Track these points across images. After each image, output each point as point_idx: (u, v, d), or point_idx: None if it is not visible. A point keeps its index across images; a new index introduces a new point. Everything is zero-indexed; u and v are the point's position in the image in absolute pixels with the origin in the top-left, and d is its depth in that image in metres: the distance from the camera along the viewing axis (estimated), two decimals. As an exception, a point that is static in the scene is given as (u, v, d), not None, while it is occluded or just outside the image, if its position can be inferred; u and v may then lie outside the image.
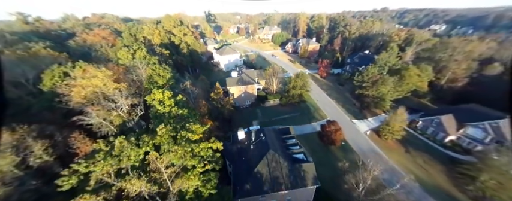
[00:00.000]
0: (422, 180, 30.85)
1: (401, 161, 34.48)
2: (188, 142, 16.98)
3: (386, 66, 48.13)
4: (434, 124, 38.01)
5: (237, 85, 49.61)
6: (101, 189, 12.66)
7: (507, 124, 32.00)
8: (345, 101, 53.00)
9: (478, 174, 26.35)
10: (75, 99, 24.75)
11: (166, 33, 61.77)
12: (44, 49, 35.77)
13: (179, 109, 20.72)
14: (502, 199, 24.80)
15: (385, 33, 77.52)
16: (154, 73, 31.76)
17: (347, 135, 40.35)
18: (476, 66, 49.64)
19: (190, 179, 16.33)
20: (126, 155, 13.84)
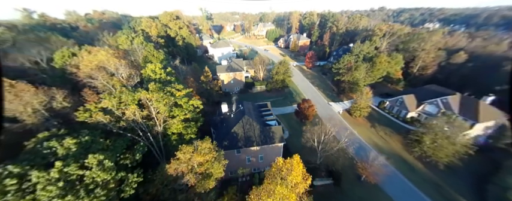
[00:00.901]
0: (380, 146, 36.17)
1: (365, 133, 39.74)
2: (173, 95, 22.28)
3: (361, 55, 53.42)
4: (398, 104, 43.24)
5: (226, 72, 54.95)
6: (107, 113, 17.93)
7: (456, 99, 37.29)
8: (326, 88, 58.36)
9: (422, 138, 31.48)
10: (83, 72, 30.13)
11: (162, 26, 67.31)
12: (54, 36, 41.28)
13: (167, 76, 26.03)
14: (439, 156, 29.97)
15: (370, 28, 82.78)
16: (149, 54, 37.17)
17: (323, 115, 45.65)
18: (445, 55, 54.94)
19: (174, 123, 21.61)
20: (124, 97, 19.11)
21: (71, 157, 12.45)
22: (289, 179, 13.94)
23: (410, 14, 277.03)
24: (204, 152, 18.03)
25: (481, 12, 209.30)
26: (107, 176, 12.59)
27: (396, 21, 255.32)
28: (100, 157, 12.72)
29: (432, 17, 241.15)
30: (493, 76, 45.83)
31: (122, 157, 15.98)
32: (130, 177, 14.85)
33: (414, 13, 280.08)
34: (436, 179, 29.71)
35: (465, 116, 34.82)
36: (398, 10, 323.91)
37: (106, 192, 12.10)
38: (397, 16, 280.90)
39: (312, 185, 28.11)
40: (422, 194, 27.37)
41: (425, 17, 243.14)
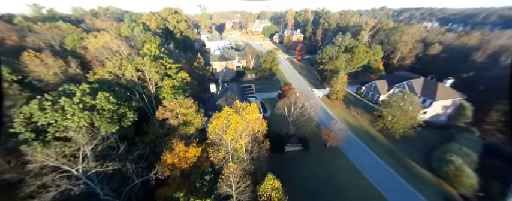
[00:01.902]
0: (350, 123, 41.07)
1: (339, 113, 44.68)
2: (163, 65, 27.67)
3: (342, 46, 58.33)
4: (372, 88, 48.05)
5: (219, 61, 60.43)
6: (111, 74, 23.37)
7: (420, 82, 42.03)
8: (311, 77, 63.40)
9: (382, 113, 36.29)
10: (90, 53, 35.79)
11: (162, 19, 73.15)
12: (65, 24, 47.25)
13: (161, 54, 31.47)
14: (396, 128, 34.79)
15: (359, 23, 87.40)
16: (147, 39, 42.73)
17: (304, 99, 50.61)
18: (423, 47, 59.58)
19: (164, 89, 26.99)
20: (124, 63, 24.53)
21: (86, 94, 17.79)
22: (243, 114, 19.02)
23: (410, 13, 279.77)
24: (186, 106, 23.32)
25: (480, 12, 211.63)
26: (111, 107, 17.89)
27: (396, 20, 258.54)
28: (106, 94, 18.02)
29: (432, 16, 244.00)
30: (463, 65, 50.46)
31: (122, 104, 21.25)
32: (129, 114, 20.19)
33: (414, 12, 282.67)
34: (392, 146, 34.52)
35: (425, 96, 39.56)
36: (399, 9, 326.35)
37: (111, 116, 17.38)
38: (398, 15, 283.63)
39: (284, 150, 33.33)
40: (377, 157, 32.23)
41: (425, 16, 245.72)
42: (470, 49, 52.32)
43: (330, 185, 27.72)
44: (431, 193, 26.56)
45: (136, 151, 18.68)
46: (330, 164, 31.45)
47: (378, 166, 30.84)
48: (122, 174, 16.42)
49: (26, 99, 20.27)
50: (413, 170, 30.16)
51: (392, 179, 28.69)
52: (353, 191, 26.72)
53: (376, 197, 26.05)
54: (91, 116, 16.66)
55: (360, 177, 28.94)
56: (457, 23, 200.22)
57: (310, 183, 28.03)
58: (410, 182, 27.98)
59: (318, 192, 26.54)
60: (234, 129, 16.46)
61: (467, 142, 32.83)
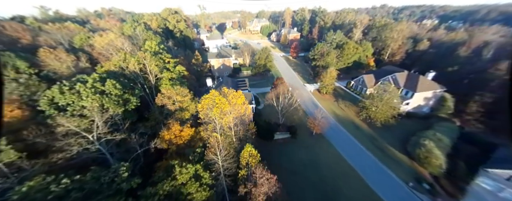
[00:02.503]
0: (338, 114, 44.03)
1: (328, 105, 47.64)
2: (162, 59, 31.10)
3: (334, 43, 61.14)
4: (360, 83, 50.86)
5: (216, 58, 63.82)
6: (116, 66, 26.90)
7: (403, 76, 44.71)
8: (304, 73, 66.39)
9: (366, 104, 39.14)
10: (96, 50, 39.47)
11: (162, 19, 76.98)
12: (73, 24, 51.21)
13: (160, 50, 34.95)
14: (377, 117, 37.63)
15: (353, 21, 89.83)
16: (148, 37, 46.32)
17: (296, 93, 53.58)
18: (412, 44, 62.05)
19: (163, 80, 30.43)
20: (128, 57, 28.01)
21: (97, 81, 21.26)
22: (229, 98, 22.22)
23: (411, 11, 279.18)
24: (182, 94, 26.70)
25: (481, 9, 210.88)
26: (118, 92, 21.33)
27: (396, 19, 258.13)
28: (113, 81, 21.46)
29: (433, 13, 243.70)
30: (449, 60, 52.89)
31: (126, 91, 24.66)
32: (132, 99, 23.65)
33: (415, 10, 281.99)
34: (373, 134, 37.42)
35: (408, 88, 42.28)
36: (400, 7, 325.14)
37: (117, 99, 20.82)
38: (398, 13, 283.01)
39: (273, 138, 36.47)
40: (358, 143, 35.22)
41: (425, 14, 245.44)
42: (456, 45, 54.65)
43: (312, 165, 30.81)
44: (403, 172, 29.46)
45: (139, 130, 22.09)
46: (314, 149, 34.51)
47: (358, 150, 33.81)
48: (127, 145, 19.84)
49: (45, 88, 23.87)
50: (390, 153, 33.05)
51: (370, 161, 31.65)
52: (332, 170, 29.78)
53: (353, 175, 29.09)
54: (101, 98, 20.09)
55: (340, 159, 31.98)
56: (457, 20, 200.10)
57: (295, 164, 31.17)
58: (386, 163, 30.91)
59: (300, 171, 29.68)
60: (219, 108, 19.70)
61: (443, 130, 35.50)
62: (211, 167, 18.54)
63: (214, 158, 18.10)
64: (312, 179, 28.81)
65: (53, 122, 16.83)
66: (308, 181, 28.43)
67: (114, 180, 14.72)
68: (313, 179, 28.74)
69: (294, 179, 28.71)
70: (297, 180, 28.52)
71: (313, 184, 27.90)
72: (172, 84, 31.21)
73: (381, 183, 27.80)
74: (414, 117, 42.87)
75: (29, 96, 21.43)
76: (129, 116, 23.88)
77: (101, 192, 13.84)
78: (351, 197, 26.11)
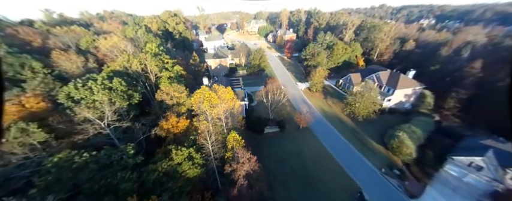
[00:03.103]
0: (325, 110, 47.52)
1: (317, 102, 51.13)
2: (162, 60, 34.79)
3: (324, 43, 64.66)
4: (348, 81, 54.30)
5: (213, 59, 67.56)
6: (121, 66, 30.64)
7: (386, 74, 48.09)
8: (297, 72, 69.95)
9: (349, 101, 42.55)
10: (101, 52, 43.27)
11: (162, 22, 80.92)
12: (78, 28, 55.20)
13: (159, 51, 38.67)
14: (359, 112, 41.03)
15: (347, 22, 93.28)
16: (148, 40, 50.10)
17: (289, 91, 57.25)
18: (399, 44, 65.43)
19: (162, 79, 34.12)
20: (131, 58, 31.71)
21: (105, 79, 24.93)
22: (220, 93, 25.78)
23: (409, 10, 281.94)
24: (178, 91, 30.35)
25: (478, 8, 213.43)
26: (123, 88, 24.99)
27: (393, 18, 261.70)
28: (119, 79, 25.07)
29: (430, 13, 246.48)
30: (432, 59, 56.22)
31: (130, 88, 28.30)
32: (135, 95, 27.32)
33: (414, 10, 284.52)
34: (355, 127, 40.86)
35: (389, 86, 45.68)
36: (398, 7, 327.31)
37: (122, 94, 24.46)
38: (396, 13, 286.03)
39: (263, 131, 39.96)
40: (341, 136, 38.66)
41: (423, 14, 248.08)
42: (439, 45, 57.96)
43: (297, 155, 34.29)
44: (378, 161, 32.88)
45: (141, 121, 25.76)
46: (300, 141, 37.99)
47: (339, 142, 37.26)
48: (131, 133, 23.44)
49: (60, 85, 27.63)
50: (368, 144, 36.47)
51: (349, 151, 35.11)
52: (314, 160, 33.24)
53: (332, 163, 32.54)
54: (109, 94, 23.73)
55: (323, 150, 35.45)
56: (453, 19, 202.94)
57: (281, 154, 34.67)
58: (364, 153, 34.35)
59: (285, 160, 33.18)
60: (209, 100, 23.25)
61: (419, 123, 38.88)
62: (203, 150, 22.11)
63: (204, 143, 21.67)
64: (296, 167, 32.28)
65: (71, 112, 20.50)
66: (292, 169, 31.90)
67: (122, 158, 18.31)
68: (297, 167, 32.20)
69: (280, 167, 32.24)
70: (282, 168, 32.02)
71: (296, 171, 31.37)
72: (171, 82, 34.85)
73: (356, 170, 31.22)
74: (396, 112, 46.28)
75: (48, 92, 25.16)
76: (133, 109, 27.53)
77: (112, 167, 17.41)
78: (327, 181, 29.54)
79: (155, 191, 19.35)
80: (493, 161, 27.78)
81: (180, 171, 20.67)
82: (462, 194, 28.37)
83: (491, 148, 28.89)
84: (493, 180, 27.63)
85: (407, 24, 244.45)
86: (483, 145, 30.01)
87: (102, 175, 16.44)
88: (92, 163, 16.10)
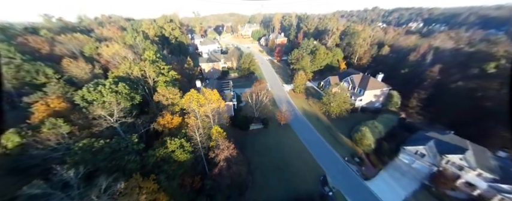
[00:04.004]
0: (306, 109, 53.67)
1: (299, 102, 57.31)
2: (159, 67, 40.47)
3: (308, 49, 71.12)
4: (327, 83, 60.67)
5: (207, 63, 73.34)
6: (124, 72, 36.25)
7: (359, 77, 54.51)
8: (284, 75, 76.20)
9: (324, 101, 48.74)
10: (104, 58, 48.66)
11: (159, 28, 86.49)
12: (82, 35, 60.44)
13: (156, 58, 44.32)
14: (333, 111, 47.23)
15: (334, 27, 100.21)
16: (147, 47, 55.63)
17: (275, 92, 63.37)
18: (377, 48, 72.29)
19: (159, 83, 39.79)
20: (132, 65, 37.28)
21: (111, 84, 30.47)
22: (207, 95, 31.50)
23: (400, 13, 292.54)
24: (173, 93, 36.04)
25: (464, 11, 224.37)
26: (127, 91, 30.51)
27: (384, 21, 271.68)
28: (123, 84, 30.60)
29: (419, 16, 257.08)
30: (402, 63, 63.07)
31: (132, 91, 33.80)
32: (136, 97, 32.91)
33: (404, 13, 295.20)
34: (329, 124, 47.07)
35: (361, 87, 52.08)
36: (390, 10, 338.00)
37: (126, 96, 29.99)
38: (388, 16, 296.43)
39: (249, 128, 45.75)
40: (316, 131, 44.72)
41: (412, 17, 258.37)
42: (410, 50, 64.93)
43: (276, 148, 40.19)
44: (344, 151, 39.04)
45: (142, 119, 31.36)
46: (280, 136, 43.93)
47: (314, 136, 43.37)
48: (134, 127, 28.93)
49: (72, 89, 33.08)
50: (338, 138, 42.65)
51: (321, 143, 41.21)
52: (290, 151, 39.21)
53: (305, 153, 38.56)
54: (116, 96, 29.21)
55: (299, 143, 41.48)
56: (440, 23, 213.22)
57: (262, 147, 40.53)
58: (333, 145, 40.49)
59: (266, 152, 39.04)
60: (197, 101, 28.95)
61: (382, 120, 45.32)
62: (192, 141, 27.80)
63: (193, 135, 27.37)
64: (274, 157, 38.15)
65: (86, 111, 26.01)
66: (271, 159, 37.74)
67: (128, 145, 23.86)
68: (275, 157, 38.07)
69: (261, 158, 38.06)
70: (263, 159, 37.84)
71: (274, 161, 37.20)
72: (166, 85, 40.52)
73: (324, 159, 37.27)
74: (367, 111, 52.72)
75: (64, 94, 30.55)
76: (135, 108, 33.04)
77: (120, 151, 22.93)
78: (299, 168, 35.47)
79: (154, 171, 24.96)
80: (433, 149, 34.17)
81: (173, 157, 26.35)
82: (409, 177, 34.63)
83: (433, 138, 35.29)
84: (432, 165, 34.01)
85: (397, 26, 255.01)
86: (428, 137, 36.37)
87: (113, 157, 21.99)
88: (106, 148, 21.56)
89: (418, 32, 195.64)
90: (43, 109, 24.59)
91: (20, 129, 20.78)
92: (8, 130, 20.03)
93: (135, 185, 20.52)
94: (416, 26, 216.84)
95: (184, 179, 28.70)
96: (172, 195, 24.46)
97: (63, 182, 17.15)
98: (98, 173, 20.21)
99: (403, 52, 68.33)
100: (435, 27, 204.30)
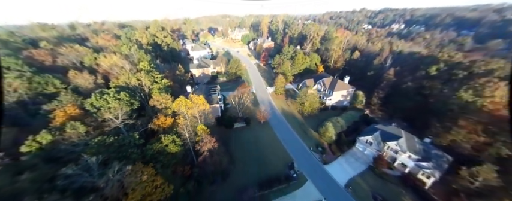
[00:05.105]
0: (284, 109, 61.93)
1: (279, 103, 65.57)
2: (153, 76, 47.59)
3: (288, 54, 79.62)
4: (304, 85, 69.18)
5: (197, 68, 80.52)
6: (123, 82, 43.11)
7: (329, 80, 63.26)
8: (269, 78, 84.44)
9: (298, 101, 57.08)
10: (102, 68, 55.12)
11: (151, 36, 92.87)
12: (80, 47, 66.44)
13: (151, 68, 51.36)
14: (306, 110, 55.64)
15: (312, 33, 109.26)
16: (141, 57, 62.32)
17: (259, 94, 71.41)
18: (350, 53, 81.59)
19: (154, 90, 46.97)
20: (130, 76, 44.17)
21: (115, 93, 37.43)
22: (194, 100, 38.95)
23: (385, 14, 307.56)
24: (165, 98, 43.31)
25: (442, 13, 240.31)
26: (127, 98, 37.56)
27: (370, 23, 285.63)
28: (124, 93, 37.63)
29: (402, 18, 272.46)
30: (369, 66, 72.44)
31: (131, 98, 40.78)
32: (135, 102, 40.02)
33: (389, 14, 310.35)
34: (302, 121, 55.48)
35: (330, 88, 60.80)
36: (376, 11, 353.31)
37: (127, 102, 37.09)
38: (374, 17, 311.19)
39: (233, 126, 53.40)
40: (290, 127, 52.91)
41: (395, 18, 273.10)
42: (376, 55, 74.49)
43: (255, 142, 48.10)
44: (310, 142, 47.38)
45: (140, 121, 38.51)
46: (260, 132, 51.87)
47: (288, 131, 51.57)
48: (134, 127, 35.97)
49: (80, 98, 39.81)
50: (307, 132, 51.04)
51: (293, 137, 49.45)
52: (266, 144, 47.20)
53: (279, 146, 46.62)
54: (119, 102, 36.16)
55: (274, 137, 49.57)
56: (420, 24, 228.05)
57: (244, 142, 48.31)
58: (302, 138, 48.78)
59: (246, 146, 46.86)
60: (185, 105, 36.37)
61: (346, 116, 54.12)
62: (182, 137, 35.22)
63: (183, 132, 34.81)
64: (253, 149, 46.01)
65: (96, 115, 32.99)
66: (250, 151, 45.56)
67: (130, 141, 31.03)
68: (254, 150, 45.93)
69: (242, 150, 45.84)
70: (244, 151, 45.62)
71: (252, 152, 45.03)
72: (160, 92, 47.69)
73: (294, 149, 45.47)
74: (336, 109, 61.54)
75: (75, 102, 37.25)
76: (134, 112, 40.08)
77: (125, 145, 30.10)
78: (272, 158, 43.47)
79: (152, 161, 32.28)
80: (377, 138, 42.99)
81: (167, 150, 33.74)
82: (360, 161, 43.26)
83: (379, 130, 44.12)
84: (377, 151, 42.78)
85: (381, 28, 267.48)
86: (376, 128, 45.19)
87: (120, 150, 29.16)
88: (115, 142, 28.62)
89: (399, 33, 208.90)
90: (62, 115, 31.24)
91: (50, 130, 27.55)
92: (42, 131, 26.90)
93: (138, 170, 27.82)
94: (398, 27, 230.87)
95: (177, 168, 36.16)
96: (166, 179, 31.86)
97: (88, 166, 24.26)
98: (110, 160, 27.41)
99: (371, 57, 77.95)
100: (415, 28, 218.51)
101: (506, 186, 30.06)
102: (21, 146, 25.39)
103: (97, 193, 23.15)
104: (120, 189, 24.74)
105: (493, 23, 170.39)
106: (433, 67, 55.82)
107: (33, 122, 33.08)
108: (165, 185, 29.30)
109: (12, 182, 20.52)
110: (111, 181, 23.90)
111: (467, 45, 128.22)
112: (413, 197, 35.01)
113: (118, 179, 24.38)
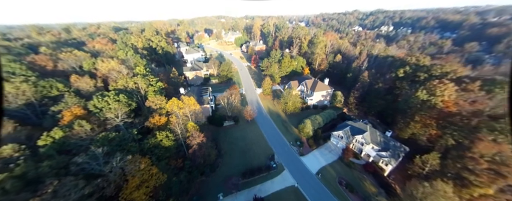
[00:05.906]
0: (270, 108, 68.06)
1: (266, 103, 71.71)
2: (148, 80, 52.92)
3: (276, 58, 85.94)
4: (289, 86, 75.54)
5: (190, 71, 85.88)
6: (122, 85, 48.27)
7: (311, 81, 69.78)
8: (258, 80, 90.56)
9: (282, 100, 63.25)
10: (101, 72, 59.99)
11: (146, 40, 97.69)
12: (79, 52, 70.94)
13: (146, 72, 56.65)
14: (289, 109, 61.91)
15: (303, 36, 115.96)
16: (137, 62, 67.35)
17: (248, 95, 77.36)
18: (333, 57, 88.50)
19: (149, 92, 52.33)
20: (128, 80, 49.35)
21: (114, 95, 42.60)
22: (185, 101, 44.51)
23: (376, 16, 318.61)
24: (160, 100, 48.78)
25: (427, 16, 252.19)
26: (126, 100, 42.80)
27: (361, 24, 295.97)
28: (123, 95, 42.81)
29: (391, 20, 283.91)
30: (349, 69, 79.41)
31: (129, 100, 46.01)
32: (132, 104, 45.31)
33: (380, 15, 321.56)
34: (285, 119, 61.74)
35: (311, 89, 67.30)
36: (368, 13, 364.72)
37: (125, 104, 42.38)
38: (365, 19, 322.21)
39: (222, 125, 59.12)
40: (274, 124, 59.10)
41: (384, 20, 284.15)
42: (355, 58, 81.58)
43: (242, 138, 53.97)
44: (291, 138, 53.59)
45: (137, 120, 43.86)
46: (246, 129, 57.78)
47: (272, 128, 57.69)
48: (132, 125, 41.32)
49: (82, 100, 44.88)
50: (289, 129, 57.26)
51: (276, 133, 55.57)
52: (253, 140, 53.14)
53: (263, 141, 52.68)
54: (119, 104, 41.39)
55: (260, 134, 55.60)
56: (407, 26, 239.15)
57: (232, 138, 54.11)
58: (284, 134, 54.96)
59: (234, 142, 52.69)
60: (177, 105, 41.97)
61: (324, 114, 60.58)
62: (175, 133, 40.76)
63: (175, 129, 40.37)
64: (240, 144, 51.87)
65: (99, 115, 38.23)
66: (237, 146, 51.39)
67: (130, 136, 36.40)
68: (241, 145, 51.79)
69: (230, 146, 51.63)
70: (231, 146, 51.42)
71: (240, 148, 50.88)
72: (155, 94, 53.11)
73: (275, 144, 51.57)
74: (317, 108, 68.03)
75: (79, 103, 42.31)
76: (132, 112, 45.40)
77: (126, 140, 35.47)
78: (256, 151, 49.44)
79: (148, 154, 37.73)
80: (347, 133, 49.53)
81: (161, 144, 39.26)
82: (333, 153, 49.70)
83: (349, 125, 50.69)
84: (347, 143, 49.31)
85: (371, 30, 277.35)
86: (347, 124, 51.76)
87: (121, 144, 34.56)
88: (116, 137, 33.97)
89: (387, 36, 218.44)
90: (69, 115, 36.27)
91: (61, 127, 32.66)
92: (54, 128, 32.11)
93: (137, 160, 33.30)
94: (387, 29, 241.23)
95: (170, 161, 41.67)
96: (161, 170, 37.38)
97: (95, 156, 29.60)
98: (113, 152, 32.82)
99: (352, 60, 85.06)
100: (402, 30, 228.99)
101: (441, 169, 36.91)
102: (38, 141, 30.50)
103: (103, 178, 28.53)
104: (122, 175, 30.19)
105: (473, 26, 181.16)
106: (400, 70, 63.00)
107: (43, 121, 37.96)
108: (160, 173, 34.84)
109: (36, 167, 25.68)
110: (114, 168, 29.32)
111: (446, 48, 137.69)
112: (372, 181, 41.59)
113: (120, 167, 29.83)
